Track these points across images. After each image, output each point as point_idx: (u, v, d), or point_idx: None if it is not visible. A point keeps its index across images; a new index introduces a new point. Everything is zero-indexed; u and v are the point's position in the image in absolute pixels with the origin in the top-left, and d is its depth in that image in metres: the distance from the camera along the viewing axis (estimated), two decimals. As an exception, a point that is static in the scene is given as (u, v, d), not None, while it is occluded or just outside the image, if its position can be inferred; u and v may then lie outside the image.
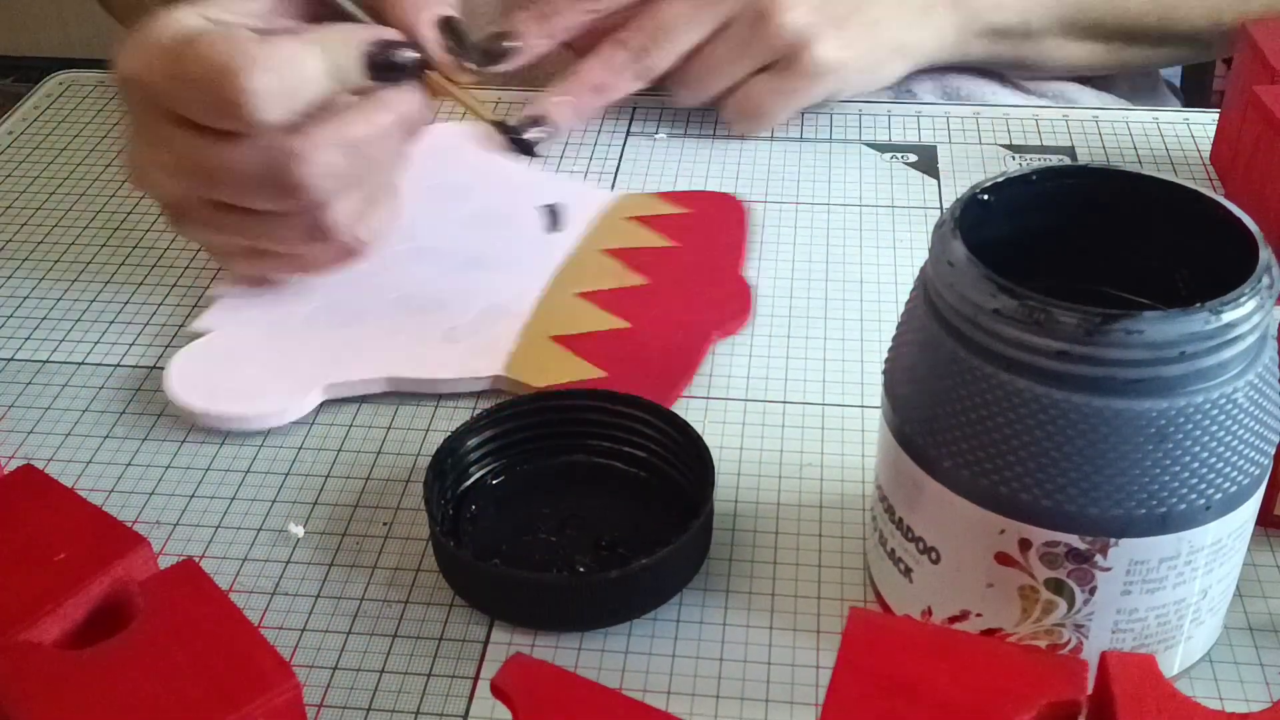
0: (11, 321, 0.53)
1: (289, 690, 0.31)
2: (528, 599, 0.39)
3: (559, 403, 0.44)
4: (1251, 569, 0.41)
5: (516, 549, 0.41)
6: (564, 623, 0.39)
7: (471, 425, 0.43)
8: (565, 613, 0.39)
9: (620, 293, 0.52)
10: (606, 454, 0.44)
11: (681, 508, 0.41)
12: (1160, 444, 0.32)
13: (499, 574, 0.39)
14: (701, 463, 0.41)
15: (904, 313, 0.37)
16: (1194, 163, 0.62)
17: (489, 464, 0.44)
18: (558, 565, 0.40)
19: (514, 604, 0.39)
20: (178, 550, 0.42)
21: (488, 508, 0.43)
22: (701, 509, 0.40)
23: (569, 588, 0.39)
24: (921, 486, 0.35)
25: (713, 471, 0.41)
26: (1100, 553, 0.33)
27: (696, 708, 0.37)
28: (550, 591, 0.39)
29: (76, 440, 0.47)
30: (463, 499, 0.43)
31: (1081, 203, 0.37)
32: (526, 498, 0.43)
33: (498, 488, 0.43)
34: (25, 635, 0.32)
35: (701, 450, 0.42)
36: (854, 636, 0.31)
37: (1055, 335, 0.31)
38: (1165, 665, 0.36)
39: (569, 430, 0.44)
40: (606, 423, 0.44)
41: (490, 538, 0.42)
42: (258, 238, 0.48)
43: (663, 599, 0.40)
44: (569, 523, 0.42)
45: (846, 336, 0.51)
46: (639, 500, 0.43)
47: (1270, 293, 0.32)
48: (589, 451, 0.44)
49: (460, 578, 0.40)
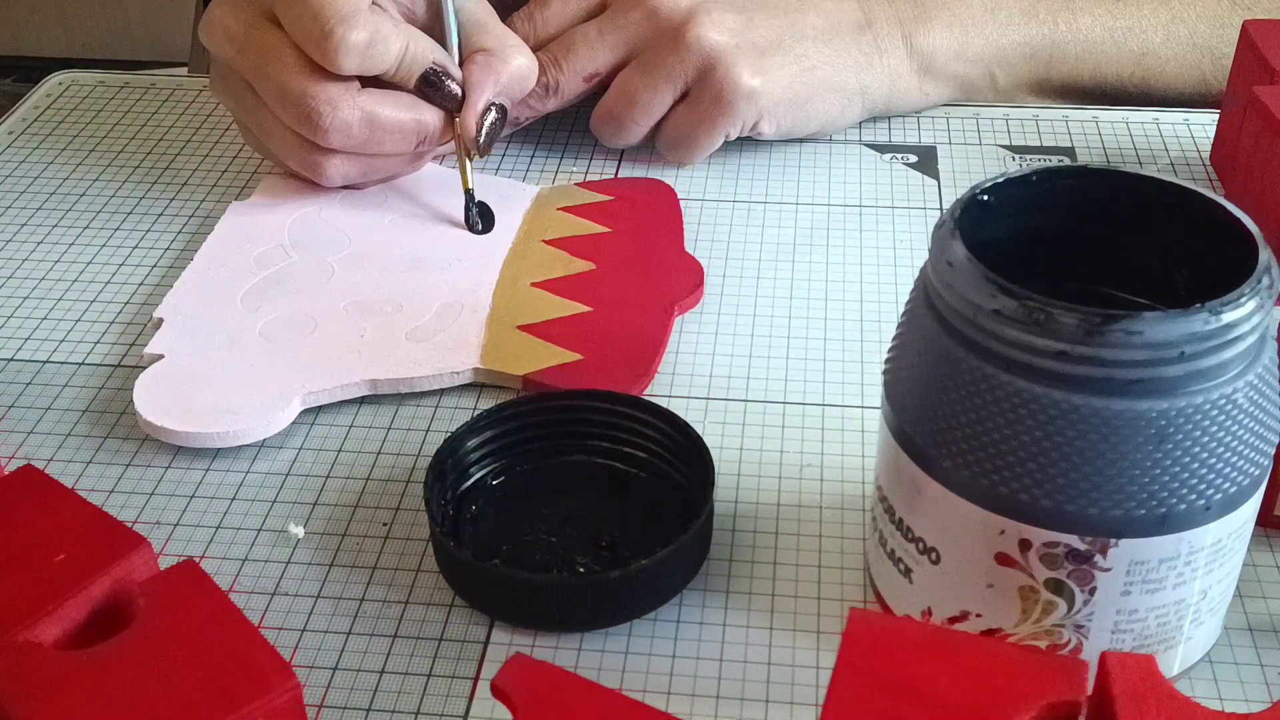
0: (11, 321, 0.53)
1: (289, 690, 0.31)
2: (528, 599, 0.39)
3: (559, 403, 0.44)
4: (1251, 569, 0.41)
5: (516, 549, 0.41)
6: (564, 623, 0.39)
7: (472, 426, 0.43)
8: (565, 613, 0.39)
9: (572, 279, 0.53)
10: (606, 454, 0.44)
11: (682, 508, 0.41)
12: (1160, 444, 0.32)
13: (499, 574, 0.39)
14: (702, 463, 0.41)
15: (904, 313, 0.37)
16: (1194, 163, 0.62)
17: (489, 464, 0.44)
18: (558, 565, 0.40)
19: (514, 604, 0.39)
20: (178, 551, 0.42)
21: (488, 508, 0.43)
22: (702, 509, 0.40)
23: (569, 588, 0.39)
24: (921, 487, 0.35)
25: (713, 471, 0.41)
26: (1100, 553, 0.33)
27: (696, 708, 0.37)
28: (550, 591, 0.39)
29: (76, 440, 0.47)
30: (463, 499, 0.43)
31: (1081, 203, 0.37)
32: (527, 498, 0.43)
33: (498, 488, 0.43)
34: (25, 635, 0.32)
35: (701, 450, 0.42)
36: (854, 636, 0.31)
37: (1055, 335, 0.31)
38: (1165, 665, 0.36)
39: (569, 430, 0.44)
40: (607, 423, 0.44)
41: (490, 538, 0.41)
42: (265, 132, 0.56)
43: (663, 599, 0.40)
44: (569, 523, 0.42)
45: (846, 336, 0.51)
46: (639, 501, 0.43)
47: (1270, 293, 0.32)
48: (589, 452, 0.44)
49: (460, 578, 0.40)
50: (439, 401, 0.48)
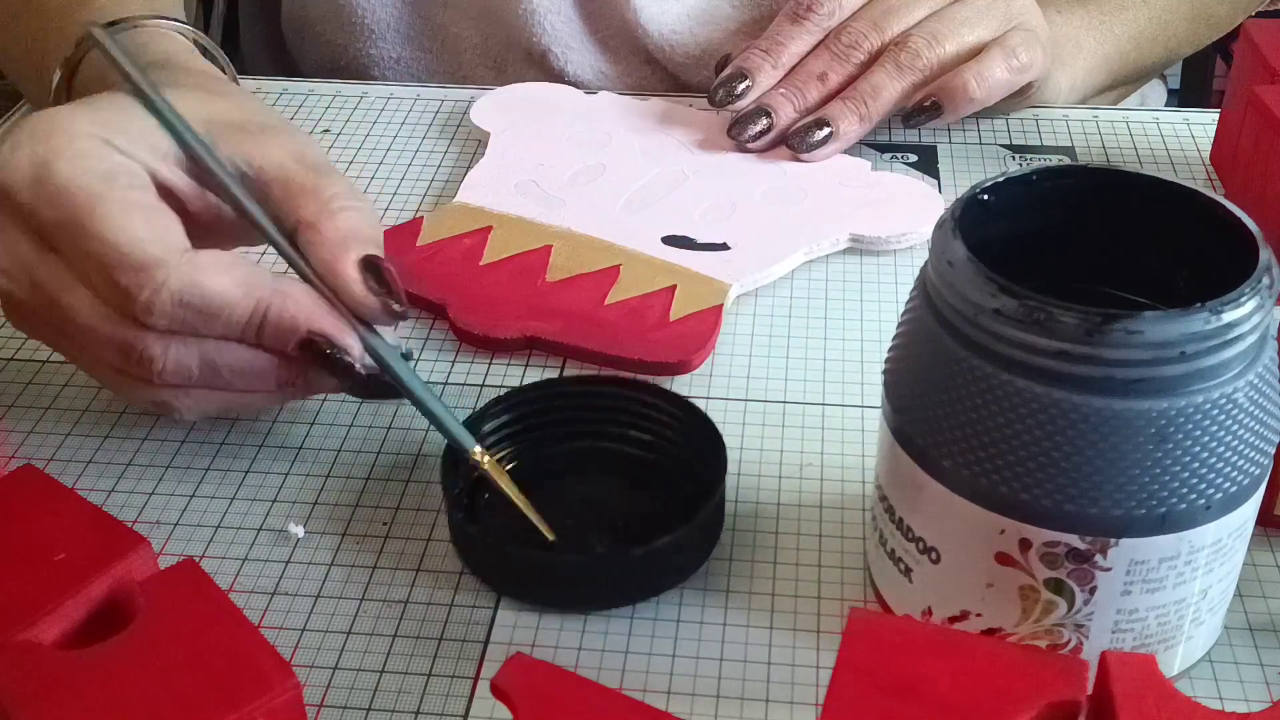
0: (11, 321, 0.53)
1: (289, 690, 0.31)
2: (552, 576, 0.39)
3: (574, 389, 0.45)
4: (1251, 569, 0.41)
5: (531, 532, 0.41)
6: (582, 601, 0.40)
7: (487, 410, 0.44)
8: (585, 590, 0.40)
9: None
10: (620, 439, 0.45)
11: (694, 491, 0.42)
12: (1160, 444, 0.32)
13: (520, 554, 0.40)
14: (714, 446, 0.42)
15: (904, 313, 0.37)
16: (1194, 163, 0.62)
17: (505, 448, 0.44)
18: (574, 547, 0.41)
19: (538, 584, 0.40)
20: (178, 550, 0.42)
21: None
22: (716, 489, 0.40)
23: (590, 563, 0.40)
24: (921, 486, 0.35)
25: (725, 453, 0.42)
26: (1100, 553, 0.33)
27: (696, 708, 0.37)
28: (571, 568, 0.39)
29: (76, 440, 0.47)
30: (478, 483, 0.43)
31: (1081, 203, 0.37)
32: (541, 482, 0.43)
33: (512, 473, 0.43)
34: (25, 635, 0.32)
35: (712, 433, 0.42)
36: (854, 636, 0.31)
37: (1055, 335, 0.31)
38: (1165, 665, 0.36)
39: (584, 416, 0.45)
40: (620, 409, 0.45)
41: (505, 520, 0.42)
42: (93, 373, 0.44)
43: (683, 576, 0.40)
44: (584, 506, 0.43)
45: (846, 336, 0.51)
46: (652, 485, 0.44)
47: (1270, 293, 0.32)
48: (603, 437, 0.45)
49: (476, 556, 0.41)
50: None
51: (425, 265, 0.54)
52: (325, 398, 0.48)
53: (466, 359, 0.50)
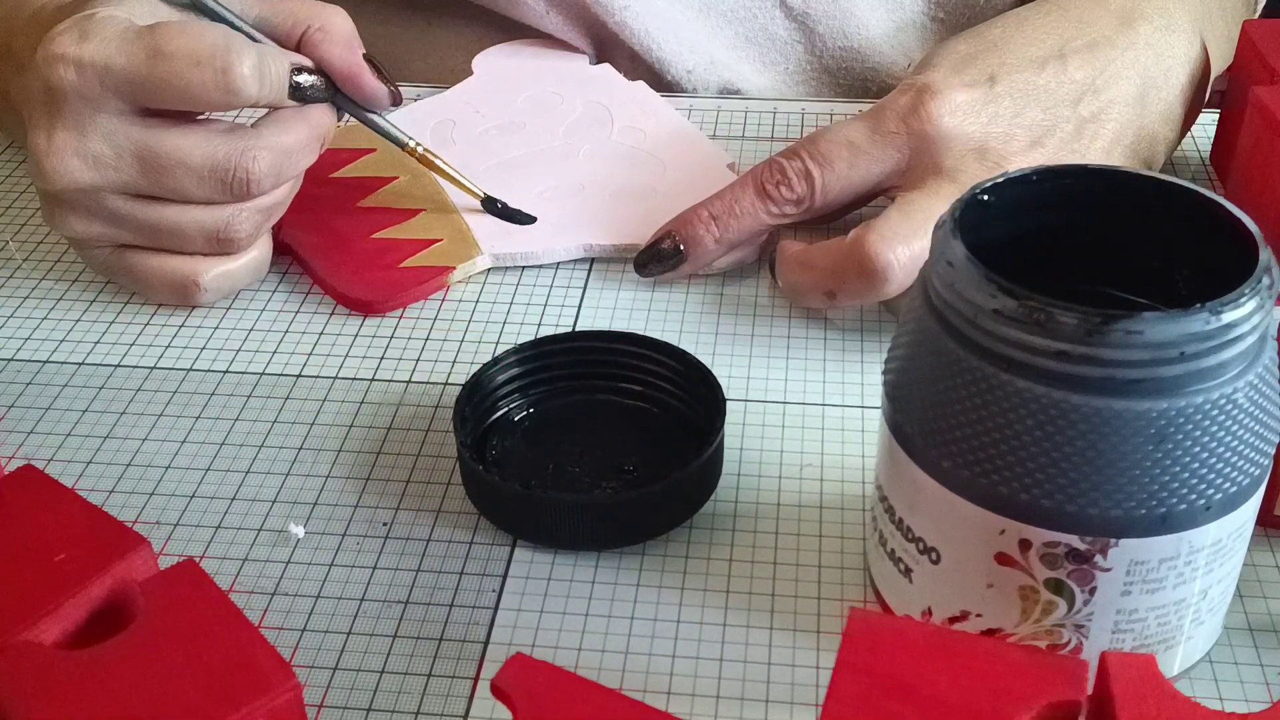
0: (11, 321, 0.53)
1: (289, 690, 0.31)
2: (562, 517, 0.41)
3: (577, 344, 0.47)
4: (1251, 569, 0.41)
5: (541, 479, 0.43)
6: (597, 540, 0.42)
7: (496, 361, 0.46)
8: (601, 529, 0.41)
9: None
10: (622, 392, 0.47)
11: (694, 438, 0.43)
12: (1160, 444, 0.32)
13: (532, 496, 0.41)
14: (712, 394, 0.44)
15: (904, 313, 0.37)
16: (1194, 163, 0.62)
17: (514, 400, 0.46)
18: (584, 490, 0.43)
19: (550, 525, 0.41)
20: (178, 550, 0.42)
21: (514, 442, 0.45)
22: (715, 433, 0.42)
23: (604, 504, 0.41)
24: (921, 487, 0.35)
25: (723, 400, 0.43)
26: (1100, 553, 0.33)
27: (696, 708, 0.37)
28: (585, 510, 0.41)
29: (76, 440, 0.47)
30: (487, 433, 0.45)
31: (1081, 203, 0.37)
32: (549, 433, 0.45)
33: (520, 423, 0.46)
34: (25, 635, 0.32)
35: (712, 383, 0.44)
36: (854, 636, 0.31)
37: (1055, 335, 0.31)
38: (1165, 665, 0.36)
39: (586, 370, 0.47)
40: (623, 363, 0.47)
41: (517, 469, 0.44)
42: (157, 234, 0.50)
43: (690, 513, 0.42)
44: (590, 452, 0.44)
45: (846, 337, 0.51)
46: (654, 432, 0.45)
47: (1270, 293, 0.32)
48: (605, 390, 0.47)
49: (490, 500, 0.42)
50: (438, 401, 0.48)
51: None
52: (328, 395, 0.48)
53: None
